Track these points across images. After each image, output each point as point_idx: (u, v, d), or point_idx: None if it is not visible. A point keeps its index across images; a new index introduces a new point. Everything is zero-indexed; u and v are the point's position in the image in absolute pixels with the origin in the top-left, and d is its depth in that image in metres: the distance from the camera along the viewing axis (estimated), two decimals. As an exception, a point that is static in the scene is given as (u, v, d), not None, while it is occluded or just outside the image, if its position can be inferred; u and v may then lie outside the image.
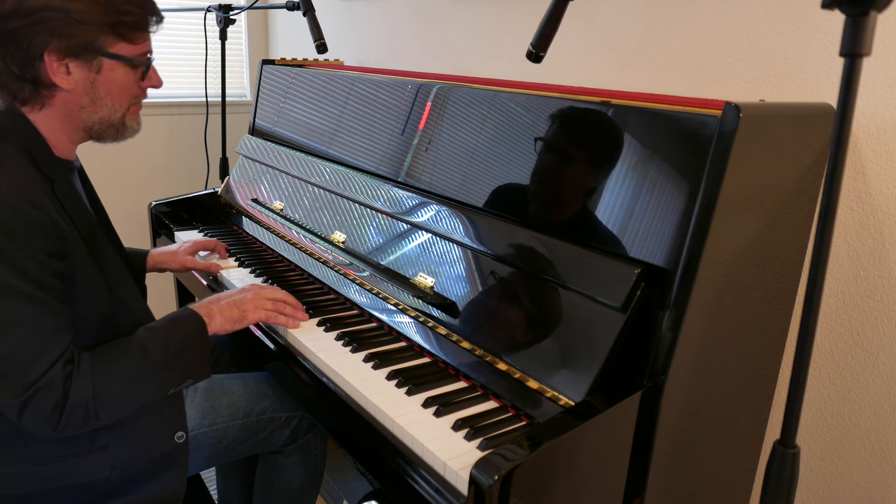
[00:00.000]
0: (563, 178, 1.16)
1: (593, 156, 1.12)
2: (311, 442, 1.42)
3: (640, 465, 1.00)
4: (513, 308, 1.12)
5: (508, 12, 1.78)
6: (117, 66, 1.04)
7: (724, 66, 1.35)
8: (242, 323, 1.21)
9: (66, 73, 1.00)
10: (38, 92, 1.01)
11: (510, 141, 1.26)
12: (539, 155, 1.20)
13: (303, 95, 1.90)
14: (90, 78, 1.02)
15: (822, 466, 1.32)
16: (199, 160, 2.70)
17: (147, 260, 1.51)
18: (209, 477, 1.99)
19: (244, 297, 1.22)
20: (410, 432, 0.97)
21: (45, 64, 0.98)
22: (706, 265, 0.95)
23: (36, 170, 1.00)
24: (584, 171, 1.13)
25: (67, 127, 1.06)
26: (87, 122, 1.07)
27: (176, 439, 1.15)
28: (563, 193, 1.15)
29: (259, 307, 1.22)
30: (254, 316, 1.22)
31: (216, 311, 1.17)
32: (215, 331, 1.16)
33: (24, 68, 0.98)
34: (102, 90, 1.04)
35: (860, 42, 0.60)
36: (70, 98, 1.03)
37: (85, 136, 1.10)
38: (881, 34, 1.11)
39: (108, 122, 1.08)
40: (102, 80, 1.03)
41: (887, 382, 1.20)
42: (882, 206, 1.17)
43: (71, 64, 0.99)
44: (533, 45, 1.10)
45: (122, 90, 1.07)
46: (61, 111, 1.04)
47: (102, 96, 1.05)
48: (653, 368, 0.97)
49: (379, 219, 1.46)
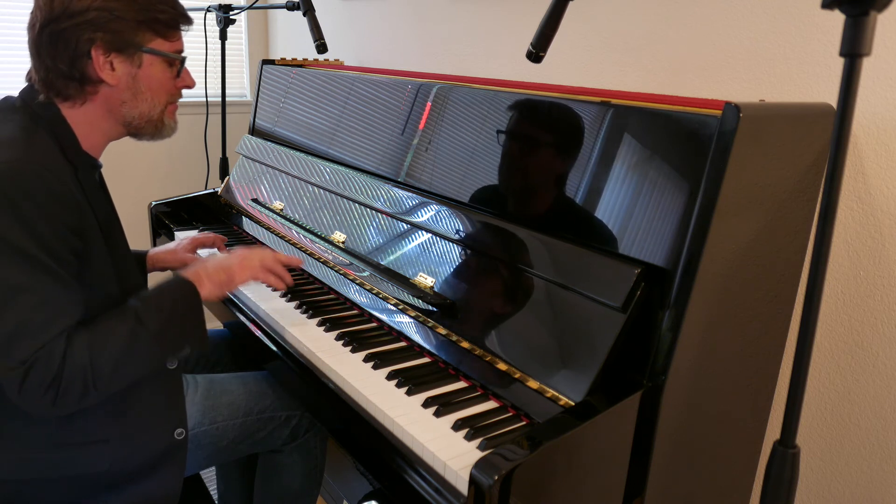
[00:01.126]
0: (562, 178, 1.16)
1: (593, 156, 1.12)
2: (310, 441, 1.42)
3: (640, 465, 1.00)
4: (513, 308, 1.12)
5: (508, 12, 1.78)
6: (155, 61, 1.11)
7: (724, 66, 1.35)
8: (231, 285, 1.21)
9: (111, 68, 1.06)
10: (84, 88, 1.07)
11: (510, 141, 1.26)
12: (539, 155, 1.20)
13: (303, 95, 1.90)
14: (132, 73, 1.09)
15: (822, 466, 1.32)
16: (199, 160, 2.70)
17: (146, 260, 1.51)
18: (209, 477, 1.99)
19: (230, 261, 1.23)
20: (410, 432, 0.97)
21: (92, 60, 1.05)
22: (706, 265, 0.95)
23: (62, 155, 1.04)
24: (584, 171, 1.13)
25: (106, 121, 1.12)
26: (127, 116, 1.12)
27: (175, 436, 1.16)
28: (562, 193, 1.15)
29: (246, 267, 1.23)
30: (241, 276, 1.23)
31: (204, 276, 1.17)
32: (206, 295, 1.16)
33: (73, 65, 1.04)
34: (143, 85, 1.11)
35: (860, 42, 0.60)
36: (113, 93, 1.09)
37: (123, 131, 1.15)
38: (881, 34, 1.11)
39: (147, 117, 1.14)
40: (143, 74, 1.10)
41: (887, 382, 1.20)
42: (882, 206, 1.17)
43: (115, 59, 1.06)
44: (533, 45, 1.10)
45: (160, 86, 1.13)
46: (103, 106, 1.10)
47: (143, 91, 1.11)
48: (653, 368, 0.97)
49: (379, 219, 1.46)
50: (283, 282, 1.30)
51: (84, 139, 1.10)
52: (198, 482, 1.37)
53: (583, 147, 1.13)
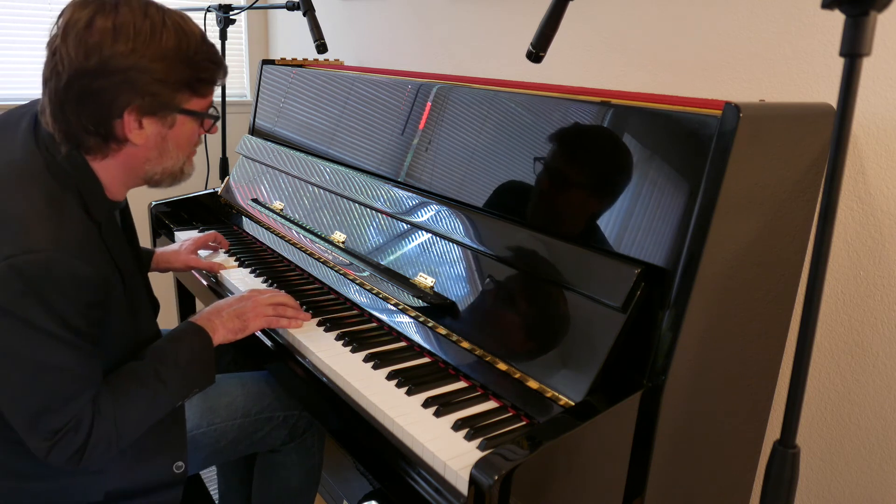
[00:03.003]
0: (562, 178, 1.16)
1: (593, 156, 1.12)
2: (308, 440, 1.42)
3: (640, 465, 1.00)
4: (513, 308, 1.12)
5: (508, 12, 1.78)
6: (187, 120, 1.04)
7: (724, 66, 1.35)
8: (244, 332, 1.21)
9: (139, 128, 0.98)
10: (108, 145, 0.99)
11: (510, 141, 1.26)
12: (538, 155, 1.20)
13: (303, 95, 1.90)
14: (162, 133, 1.02)
15: (822, 466, 1.32)
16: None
17: (153, 259, 1.52)
18: (209, 477, 1.99)
19: (244, 307, 1.22)
20: (410, 432, 0.97)
21: (122, 121, 0.97)
22: (706, 265, 0.95)
23: (87, 215, 0.99)
24: (584, 171, 1.13)
25: (127, 176, 1.05)
26: (149, 173, 1.06)
27: (175, 469, 1.16)
28: (562, 193, 1.15)
29: (260, 315, 1.22)
30: (255, 324, 1.22)
31: (219, 324, 1.17)
32: (218, 342, 1.17)
33: (99, 124, 0.96)
34: (171, 144, 1.04)
35: (860, 42, 0.60)
36: (138, 152, 1.02)
37: (141, 183, 1.09)
38: (881, 34, 1.11)
39: (169, 172, 1.08)
40: (173, 134, 1.03)
41: (887, 382, 1.20)
42: (882, 206, 1.17)
43: (145, 120, 0.98)
44: (533, 45, 1.10)
45: (188, 142, 1.07)
46: (125, 163, 1.03)
47: (171, 150, 1.05)
48: (653, 368, 0.97)
49: (379, 219, 1.46)
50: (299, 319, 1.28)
51: (108, 188, 1.04)
52: (198, 482, 1.37)
53: (583, 147, 1.13)
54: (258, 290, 1.28)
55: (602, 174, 1.09)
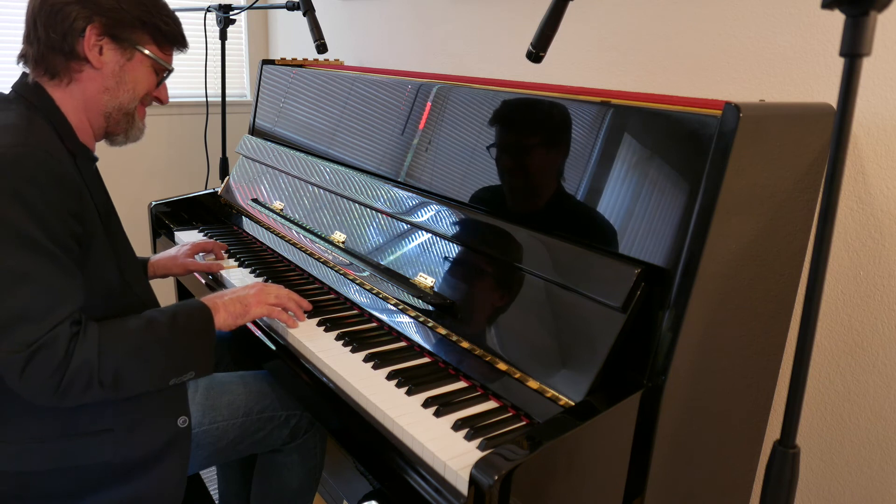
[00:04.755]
0: (562, 178, 1.16)
1: (593, 156, 1.12)
2: (310, 440, 1.42)
3: (640, 465, 1.00)
4: (513, 308, 1.12)
5: (508, 12, 1.78)
6: (145, 61, 1.15)
7: (724, 66, 1.35)
8: (245, 318, 1.22)
9: (99, 52, 1.09)
10: (69, 65, 1.09)
11: (510, 141, 1.26)
12: (539, 155, 1.20)
13: (303, 95, 1.90)
14: (120, 62, 1.12)
15: (822, 466, 1.32)
16: (199, 160, 2.70)
17: (148, 267, 1.52)
18: (209, 477, 1.99)
19: (248, 293, 1.25)
20: (410, 432, 0.97)
21: (84, 38, 1.07)
22: (706, 265, 0.95)
23: (61, 142, 1.06)
24: (584, 171, 1.13)
25: (88, 110, 1.13)
26: (107, 106, 1.14)
27: (179, 424, 1.17)
28: (562, 193, 1.15)
29: (261, 302, 1.25)
30: (256, 311, 1.24)
31: (220, 305, 1.19)
32: (219, 325, 1.18)
33: (65, 38, 1.07)
34: (128, 77, 1.14)
35: (860, 42, 0.60)
36: (96, 77, 1.11)
37: (102, 124, 1.16)
38: (881, 34, 1.11)
39: (125, 109, 1.16)
40: (130, 67, 1.13)
41: (887, 382, 1.20)
42: (882, 206, 1.17)
43: (106, 45, 1.09)
44: (533, 45, 1.10)
45: (141, 85, 1.16)
46: (86, 90, 1.11)
47: (126, 82, 1.14)
48: (653, 368, 0.97)
49: (379, 219, 1.46)
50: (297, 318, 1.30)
51: (77, 130, 1.12)
52: (198, 482, 1.37)
53: (583, 147, 1.13)
54: (264, 283, 1.30)
55: (602, 174, 1.09)
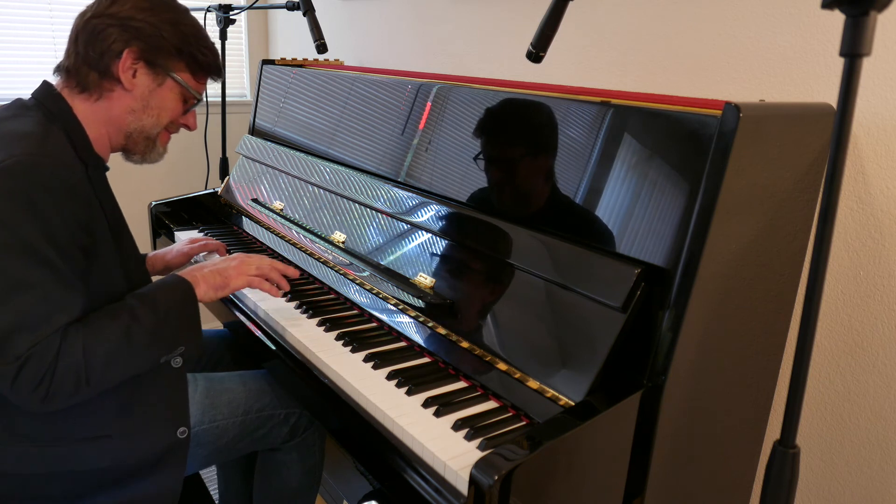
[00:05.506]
0: (562, 178, 1.16)
1: (593, 156, 1.12)
2: (309, 439, 1.42)
3: (640, 465, 1.00)
4: (513, 308, 1.12)
5: (508, 12, 1.78)
6: (175, 88, 1.18)
7: (724, 66, 1.35)
8: (225, 290, 1.23)
9: (132, 75, 1.12)
10: (101, 83, 1.11)
11: (510, 141, 1.26)
12: (539, 155, 1.20)
13: (303, 95, 1.90)
14: (150, 87, 1.15)
15: (822, 466, 1.32)
16: (199, 160, 2.70)
17: (146, 262, 1.52)
18: (209, 477, 1.99)
19: (228, 265, 1.25)
20: (410, 432, 0.97)
21: (120, 60, 1.10)
22: (706, 265, 0.95)
23: (74, 152, 1.07)
24: (584, 171, 1.13)
25: (110, 126, 1.15)
26: (130, 126, 1.16)
27: (178, 434, 1.17)
28: (562, 193, 1.15)
29: (242, 273, 1.25)
30: (237, 282, 1.24)
31: (200, 278, 1.19)
32: (201, 297, 1.18)
33: (101, 56, 1.10)
34: (155, 102, 1.16)
35: (860, 42, 0.60)
36: (125, 97, 1.13)
37: (121, 142, 1.19)
38: (881, 34, 1.11)
39: (146, 133, 1.19)
40: (159, 93, 1.16)
41: (887, 382, 1.20)
42: (882, 206, 1.17)
43: (140, 69, 1.12)
44: (533, 45, 1.10)
45: (166, 112, 1.19)
46: (112, 108, 1.13)
47: (153, 107, 1.16)
48: (653, 368, 0.97)
49: (379, 219, 1.46)
50: (279, 289, 1.31)
51: (93, 141, 1.12)
52: (198, 482, 1.37)
53: (583, 147, 1.13)
54: (246, 254, 1.31)
55: (602, 174, 1.09)
